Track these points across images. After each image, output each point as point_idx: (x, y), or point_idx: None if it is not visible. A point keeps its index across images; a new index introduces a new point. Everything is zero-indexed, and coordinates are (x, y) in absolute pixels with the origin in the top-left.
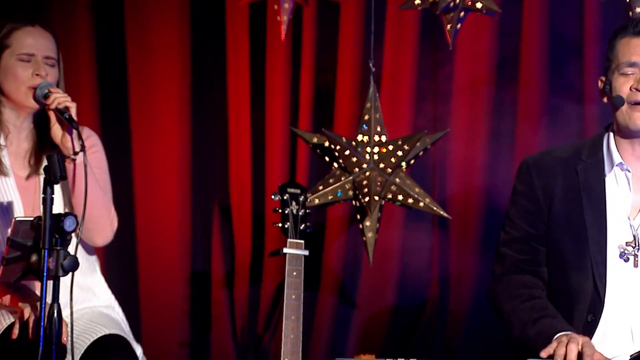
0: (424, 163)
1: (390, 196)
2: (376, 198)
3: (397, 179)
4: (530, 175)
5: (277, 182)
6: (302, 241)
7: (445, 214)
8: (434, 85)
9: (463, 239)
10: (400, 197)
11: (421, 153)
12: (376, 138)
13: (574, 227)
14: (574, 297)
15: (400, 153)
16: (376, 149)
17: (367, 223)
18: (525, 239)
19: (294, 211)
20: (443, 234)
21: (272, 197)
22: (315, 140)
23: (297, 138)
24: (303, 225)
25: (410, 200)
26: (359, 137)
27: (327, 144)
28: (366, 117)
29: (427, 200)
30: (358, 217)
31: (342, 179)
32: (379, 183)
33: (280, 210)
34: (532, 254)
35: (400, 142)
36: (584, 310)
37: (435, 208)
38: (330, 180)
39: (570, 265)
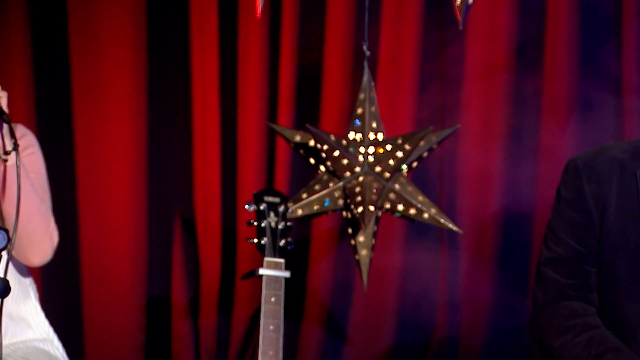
0: (429, 166)
1: (388, 206)
2: (371, 208)
3: (397, 185)
4: (580, 180)
5: (252, 189)
6: (282, 260)
7: (455, 228)
8: (441, 71)
9: (477, 258)
10: (400, 207)
11: (425, 154)
12: (371, 136)
13: (630, 246)
14: (628, 332)
15: (400, 154)
16: (371, 149)
17: (361, 239)
18: (573, 259)
19: (272, 224)
20: (453, 252)
21: (246, 207)
22: (297, 138)
23: (276, 136)
24: (283, 241)
25: (412, 211)
26: (351, 135)
27: (312, 143)
28: (359, 111)
29: (433, 211)
30: (350, 231)
31: (331, 185)
32: (374, 190)
33: (255, 223)
34: (582, 277)
35: (400, 141)
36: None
37: (442, 221)
38: (316, 187)
39: (624, 292)
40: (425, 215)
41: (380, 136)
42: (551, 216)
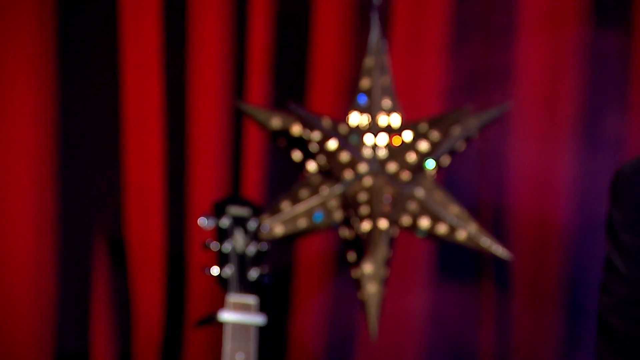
0: (467, 164)
1: (407, 221)
2: (383, 225)
3: (420, 192)
4: (633, 194)
5: (211, 196)
6: (254, 299)
7: (504, 253)
8: (484, 22)
9: (536, 297)
10: (425, 223)
11: (461, 146)
12: (383, 119)
13: None
14: None
15: (425, 146)
16: (383, 139)
17: (368, 269)
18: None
19: (240, 247)
20: (500, 289)
21: (201, 222)
22: (276, 123)
23: (246, 120)
24: (255, 272)
25: (442, 229)
26: (354, 119)
27: (297, 129)
28: (366, 83)
29: (473, 228)
30: (352, 257)
31: (324, 191)
32: (388, 198)
33: (215, 246)
34: None
35: (425, 127)
36: None
37: (486, 242)
38: (303, 194)
39: None
40: (461, 235)
41: (395, 119)
42: (606, 250)
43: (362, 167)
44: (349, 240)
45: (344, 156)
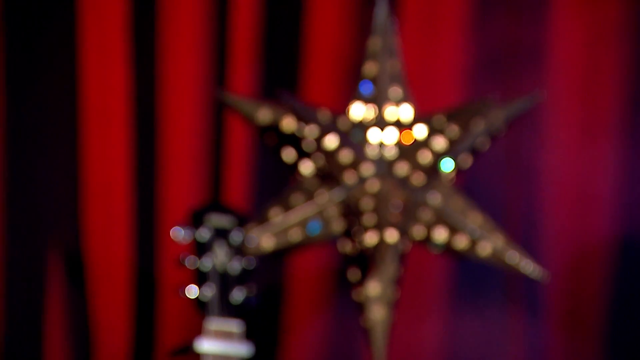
0: (492, 165)
1: (421, 233)
2: (392, 237)
3: (437, 198)
4: None
5: (186, 203)
6: (239, 326)
7: (536, 272)
8: None
9: (573, 325)
10: (442, 235)
11: (485, 143)
12: (391, 112)
13: None
14: None
15: (441, 143)
16: (392, 135)
17: (373, 290)
18: None
19: (222, 263)
20: (532, 314)
21: (175, 234)
22: (264, 116)
23: (228, 113)
24: (239, 293)
25: (462, 242)
26: (357, 110)
27: (288, 124)
28: (371, 68)
29: (498, 242)
30: (354, 276)
31: (321, 196)
32: (397, 206)
33: (192, 263)
34: None
35: (441, 120)
36: None
37: (514, 259)
38: (296, 200)
39: None
40: (485, 249)
41: (406, 112)
42: None
43: (367, 169)
44: (351, 255)
45: (345, 156)
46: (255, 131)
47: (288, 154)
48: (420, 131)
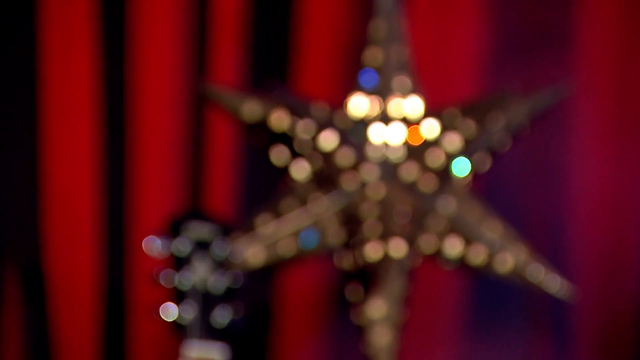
0: (514, 167)
1: (431, 245)
2: (398, 249)
3: (450, 205)
4: None
5: (162, 211)
6: (222, 351)
7: (564, 290)
8: None
9: (607, 352)
10: (455, 248)
11: (506, 143)
12: (397, 106)
13: None
14: None
15: (454, 142)
16: (397, 133)
17: (377, 311)
18: None
19: (203, 280)
20: (558, 339)
21: (149, 246)
22: (252, 111)
23: (210, 107)
24: (224, 314)
25: (479, 256)
26: (358, 104)
27: (278, 120)
28: (374, 56)
29: (522, 255)
30: (354, 295)
31: (317, 204)
32: (405, 214)
33: (169, 279)
34: None
35: (455, 116)
36: None
37: (538, 275)
38: (288, 207)
39: None
40: (506, 264)
41: (415, 106)
42: None
43: (369, 172)
44: (351, 271)
45: (344, 157)
46: (242, 128)
47: (279, 155)
48: (430, 128)
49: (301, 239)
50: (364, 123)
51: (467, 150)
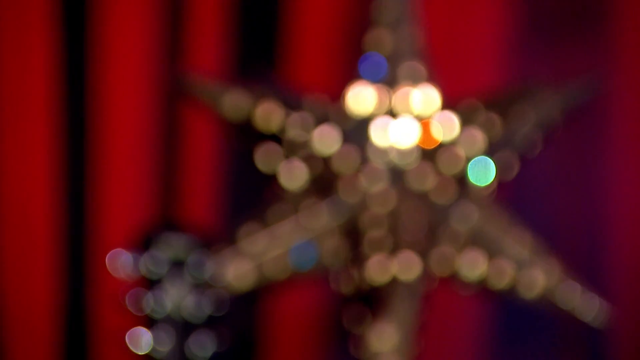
0: (546, 171)
1: (448, 263)
2: (409, 269)
3: (470, 216)
4: None
5: (131, 222)
6: None
7: (605, 315)
8: None
9: None
10: (476, 267)
11: (536, 141)
12: (407, 99)
13: None
14: None
15: (476, 140)
16: (408, 130)
17: (384, 341)
18: None
19: (180, 305)
20: None
21: (114, 264)
22: (235, 104)
23: (188, 99)
24: (204, 344)
25: (504, 276)
26: (361, 96)
27: (265, 115)
28: (379, 37)
29: (554, 276)
30: (357, 321)
31: (313, 215)
32: (417, 227)
33: (139, 303)
34: None
35: (477, 110)
36: None
37: (574, 298)
38: (278, 218)
39: None
40: (535, 285)
41: (428, 97)
42: None
43: (375, 178)
44: (352, 295)
45: (344, 159)
46: (224, 125)
47: (266, 157)
48: (447, 124)
49: (293, 257)
50: (368, 119)
51: (490, 151)
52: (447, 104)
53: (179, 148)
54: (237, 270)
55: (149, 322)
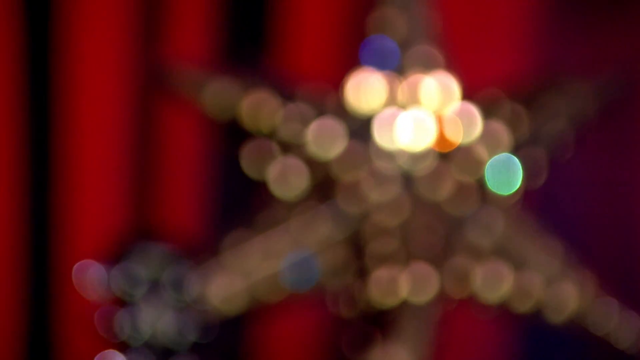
0: (578, 174)
1: (466, 281)
2: (422, 288)
3: (493, 227)
4: None
5: (103, 233)
6: None
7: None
8: None
9: None
10: (500, 286)
11: (567, 139)
12: (419, 89)
13: None
14: None
15: (499, 137)
16: (421, 126)
17: None
18: None
19: (158, 329)
20: None
21: (82, 280)
22: (220, 97)
23: (166, 91)
24: None
25: (530, 296)
26: (366, 87)
27: (253, 109)
28: (387, 18)
29: (587, 295)
30: (363, 347)
31: (313, 227)
32: (431, 240)
33: (112, 326)
34: None
35: (500, 103)
36: None
37: (610, 321)
38: (270, 229)
39: None
40: (566, 306)
41: (446, 89)
42: None
43: (384, 184)
44: (357, 317)
45: (347, 161)
46: (208, 121)
47: (255, 157)
48: (466, 119)
49: (288, 274)
50: (373, 112)
51: (516, 150)
52: (466, 95)
53: (158, 147)
54: (223, 290)
55: (123, 348)
